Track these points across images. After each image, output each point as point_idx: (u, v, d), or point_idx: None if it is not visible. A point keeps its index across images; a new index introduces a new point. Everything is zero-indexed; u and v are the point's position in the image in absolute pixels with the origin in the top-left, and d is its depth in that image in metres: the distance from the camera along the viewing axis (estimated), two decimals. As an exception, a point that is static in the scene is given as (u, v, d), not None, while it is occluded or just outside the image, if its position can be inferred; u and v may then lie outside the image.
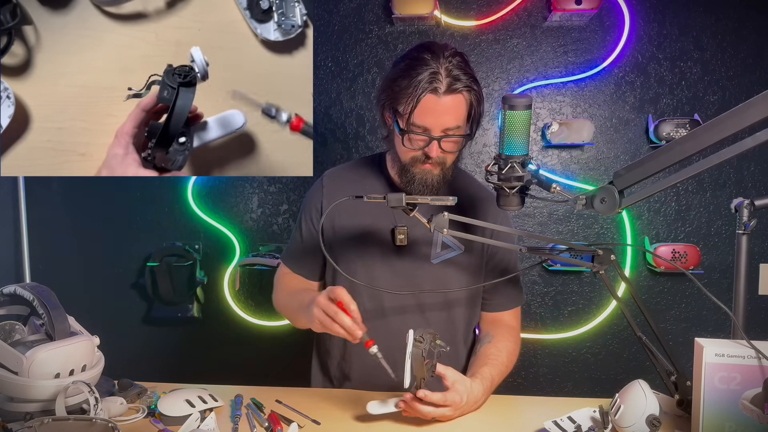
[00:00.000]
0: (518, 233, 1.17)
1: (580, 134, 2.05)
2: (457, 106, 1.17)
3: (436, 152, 1.19)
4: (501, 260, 1.36)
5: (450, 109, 1.17)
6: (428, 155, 1.19)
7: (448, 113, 1.17)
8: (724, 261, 2.14)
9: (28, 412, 0.97)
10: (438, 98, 1.15)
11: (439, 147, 1.18)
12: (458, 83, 1.16)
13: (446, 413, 1.06)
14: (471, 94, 1.18)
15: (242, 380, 1.30)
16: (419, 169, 1.23)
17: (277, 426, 1.04)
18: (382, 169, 1.36)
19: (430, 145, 1.18)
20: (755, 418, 0.91)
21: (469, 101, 1.19)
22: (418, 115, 1.17)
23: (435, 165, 1.22)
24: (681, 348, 2.10)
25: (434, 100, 1.15)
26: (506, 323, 1.35)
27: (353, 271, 1.30)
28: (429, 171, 1.23)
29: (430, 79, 1.14)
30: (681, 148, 0.94)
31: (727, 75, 2.10)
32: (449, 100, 1.16)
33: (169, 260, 2.23)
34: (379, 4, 2.17)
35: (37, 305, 1.04)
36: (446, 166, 1.24)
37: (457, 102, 1.17)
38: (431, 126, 1.17)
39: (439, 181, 1.25)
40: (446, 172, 1.25)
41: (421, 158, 1.21)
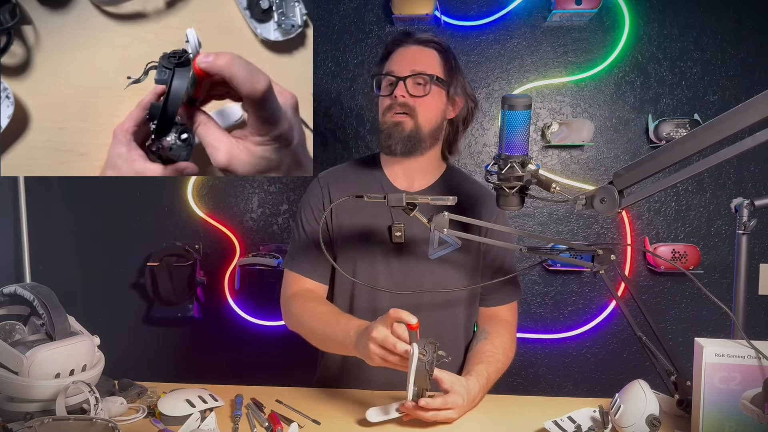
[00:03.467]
0: (518, 233, 1.18)
1: (580, 134, 2.05)
2: (426, 55, 1.28)
3: (401, 91, 1.25)
4: (497, 256, 1.36)
5: (418, 56, 1.27)
6: (395, 97, 1.26)
7: (416, 58, 1.27)
8: (724, 261, 2.14)
9: (29, 412, 0.97)
10: (406, 48, 1.28)
11: (404, 88, 1.25)
12: (427, 36, 1.29)
13: (450, 416, 1.06)
14: (442, 55, 1.29)
15: (242, 380, 1.30)
16: (389, 119, 1.28)
17: (277, 426, 1.04)
18: (378, 168, 1.36)
19: (396, 86, 1.25)
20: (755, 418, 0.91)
21: (441, 58, 1.28)
22: (387, 64, 1.29)
23: (404, 114, 1.26)
24: (681, 348, 2.09)
25: (403, 50, 1.29)
26: (502, 318, 1.35)
27: (353, 270, 1.30)
28: (399, 123, 1.27)
29: (401, 35, 1.29)
30: (681, 148, 0.94)
31: (727, 75, 2.10)
32: (417, 49, 1.28)
33: (169, 260, 2.23)
34: (379, 4, 2.17)
35: (37, 305, 1.04)
36: (418, 118, 1.27)
37: (427, 53, 1.28)
38: (398, 70, 1.27)
39: (411, 135, 1.27)
40: (420, 127, 1.28)
41: (390, 105, 1.28)
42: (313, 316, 1.26)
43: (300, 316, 1.28)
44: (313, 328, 1.25)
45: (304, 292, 1.34)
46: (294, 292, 1.34)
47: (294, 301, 1.32)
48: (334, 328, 1.19)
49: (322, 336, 1.23)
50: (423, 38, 1.29)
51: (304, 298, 1.32)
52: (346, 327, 1.15)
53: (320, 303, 1.31)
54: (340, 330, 1.17)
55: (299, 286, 1.35)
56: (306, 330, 1.28)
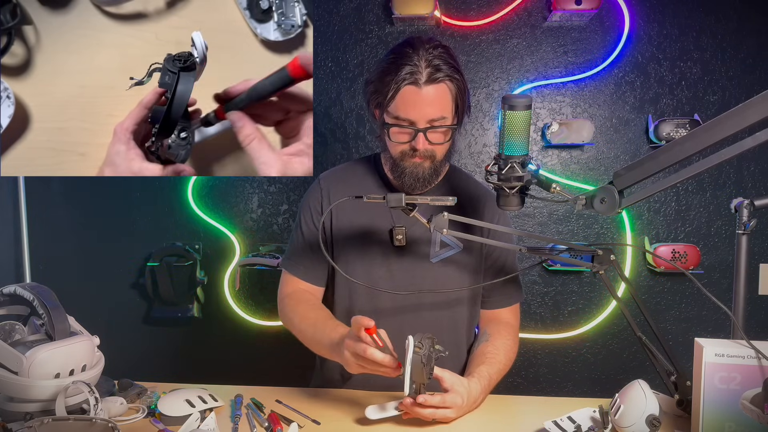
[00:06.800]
0: (518, 233, 1.17)
1: (580, 134, 2.05)
2: (440, 96, 1.17)
3: (422, 144, 1.19)
4: (499, 257, 1.36)
5: (433, 100, 1.17)
6: (415, 148, 1.19)
7: (431, 104, 1.17)
8: (724, 261, 2.14)
9: (28, 412, 0.97)
10: (419, 89, 1.15)
11: (425, 139, 1.18)
12: (439, 73, 1.16)
13: (447, 414, 1.06)
14: (454, 83, 1.18)
15: (242, 380, 1.30)
16: (409, 163, 1.23)
17: (277, 426, 1.04)
18: (378, 169, 1.36)
19: (416, 138, 1.19)
20: (755, 418, 0.91)
21: (453, 91, 1.19)
22: (401, 108, 1.17)
23: (424, 158, 1.22)
24: (681, 348, 2.09)
25: (415, 92, 1.16)
26: (504, 320, 1.35)
27: (353, 271, 1.30)
28: (419, 164, 1.23)
29: (410, 71, 1.15)
30: (681, 148, 0.94)
31: (727, 75, 2.10)
32: (431, 91, 1.16)
33: (169, 260, 2.23)
34: (379, 4, 2.17)
35: (37, 305, 1.04)
36: (436, 159, 1.23)
37: (440, 92, 1.17)
38: (415, 118, 1.17)
39: (430, 174, 1.24)
40: (438, 165, 1.25)
41: (409, 152, 1.21)
42: (304, 320, 1.27)
43: (292, 318, 1.30)
44: (303, 331, 1.27)
45: (299, 293, 1.35)
46: (288, 292, 1.35)
47: (287, 302, 1.33)
48: (321, 335, 1.21)
49: (311, 340, 1.25)
50: (434, 75, 1.15)
51: (297, 300, 1.33)
52: (331, 335, 1.17)
53: (312, 307, 1.31)
54: (326, 337, 1.18)
55: (294, 287, 1.36)
56: (297, 331, 1.30)
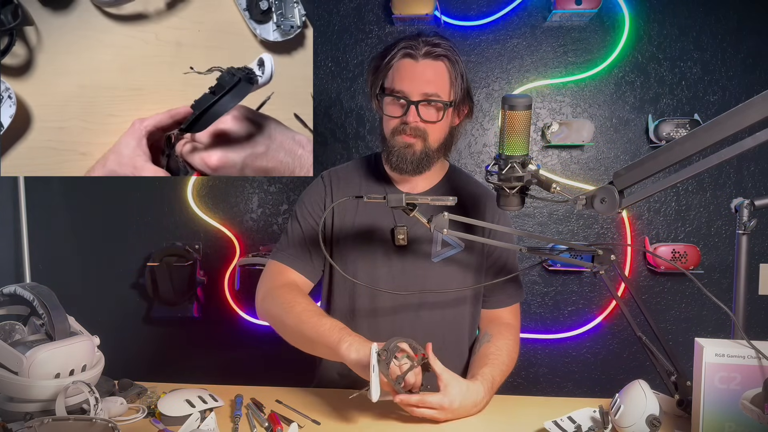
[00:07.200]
0: (518, 233, 1.18)
1: (580, 134, 2.05)
2: (436, 72, 1.18)
3: (413, 118, 1.19)
4: (499, 257, 1.36)
5: (429, 74, 1.18)
6: (406, 122, 1.20)
7: (427, 78, 1.18)
8: (724, 261, 2.14)
9: (28, 412, 0.97)
10: (416, 62, 1.18)
11: (417, 113, 1.18)
12: (438, 49, 1.18)
13: (435, 416, 1.05)
14: (452, 64, 1.20)
15: (242, 380, 1.30)
16: (398, 141, 1.22)
17: (277, 426, 1.04)
18: (380, 168, 1.36)
19: (408, 111, 1.19)
20: (755, 418, 0.91)
21: (450, 70, 1.20)
22: (396, 80, 1.19)
23: (416, 137, 1.21)
24: (681, 348, 2.09)
25: (412, 65, 1.18)
26: (505, 320, 1.35)
27: (354, 271, 1.30)
28: (410, 145, 1.22)
29: (408, 45, 1.18)
30: (681, 148, 0.94)
31: (727, 75, 2.10)
32: (428, 65, 1.18)
33: (169, 260, 2.23)
34: (379, 4, 2.17)
35: (37, 305, 1.04)
36: (428, 141, 1.22)
37: (437, 68, 1.18)
38: (409, 90, 1.18)
39: (420, 158, 1.23)
40: (429, 150, 1.23)
41: (400, 127, 1.22)
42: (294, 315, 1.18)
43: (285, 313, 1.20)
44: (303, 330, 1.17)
45: (292, 284, 1.27)
46: (280, 284, 1.27)
47: (281, 293, 1.24)
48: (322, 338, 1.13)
49: (306, 340, 1.18)
50: (432, 51, 1.18)
51: (295, 292, 1.24)
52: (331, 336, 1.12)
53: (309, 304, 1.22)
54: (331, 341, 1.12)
55: (285, 278, 1.28)
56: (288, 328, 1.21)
